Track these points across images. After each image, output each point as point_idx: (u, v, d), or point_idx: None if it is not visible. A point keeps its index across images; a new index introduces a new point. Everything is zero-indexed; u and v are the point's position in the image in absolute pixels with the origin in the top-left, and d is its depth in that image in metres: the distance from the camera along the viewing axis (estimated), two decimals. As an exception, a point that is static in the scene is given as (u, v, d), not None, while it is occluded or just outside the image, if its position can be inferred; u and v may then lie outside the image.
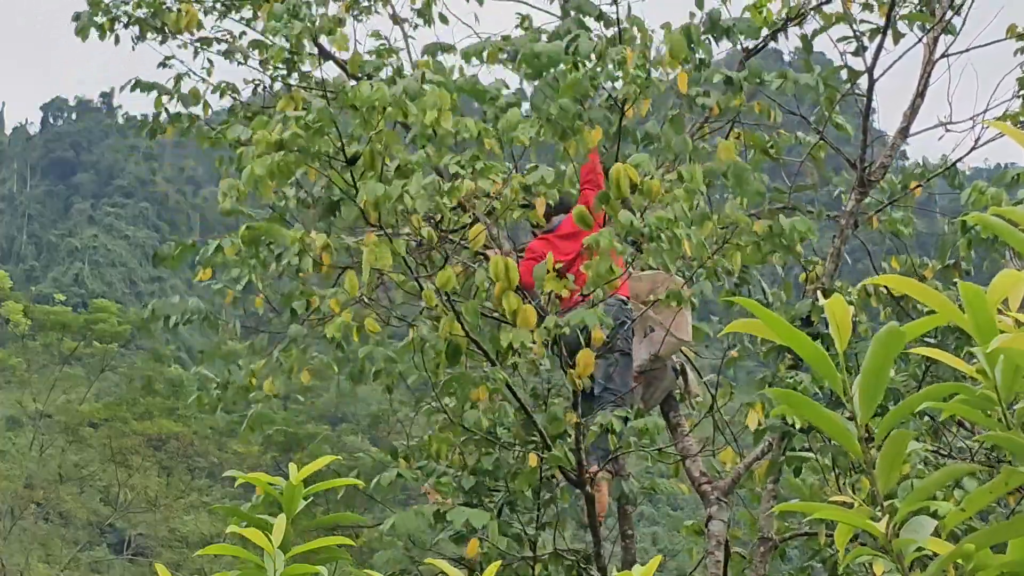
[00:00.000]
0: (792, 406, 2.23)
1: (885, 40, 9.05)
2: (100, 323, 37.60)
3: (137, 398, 37.98)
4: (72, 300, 52.26)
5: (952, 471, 2.31)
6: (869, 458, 2.14)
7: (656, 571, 2.58)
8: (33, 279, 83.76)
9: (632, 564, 5.93)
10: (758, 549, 8.60)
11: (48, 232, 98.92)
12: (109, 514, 36.06)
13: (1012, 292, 2.07)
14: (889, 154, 9.30)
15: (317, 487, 2.86)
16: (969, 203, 8.96)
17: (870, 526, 2.15)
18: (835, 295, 2.19)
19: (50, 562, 34.30)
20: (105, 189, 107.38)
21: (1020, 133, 2.24)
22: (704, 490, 8.60)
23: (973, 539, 2.08)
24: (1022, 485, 2.08)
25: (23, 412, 37.19)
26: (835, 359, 2.14)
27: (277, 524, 2.74)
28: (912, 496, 2.19)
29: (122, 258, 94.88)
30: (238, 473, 3.05)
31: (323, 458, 2.95)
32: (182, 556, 32.27)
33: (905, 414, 2.16)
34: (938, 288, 4.44)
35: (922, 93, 9.36)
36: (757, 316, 2.16)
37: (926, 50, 9.37)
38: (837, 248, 8.89)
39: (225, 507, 4.83)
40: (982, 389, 2.07)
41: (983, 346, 2.01)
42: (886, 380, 2.13)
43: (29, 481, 34.27)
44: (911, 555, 2.13)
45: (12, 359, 37.51)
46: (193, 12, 9.48)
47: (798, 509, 6.17)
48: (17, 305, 37.86)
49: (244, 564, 2.76)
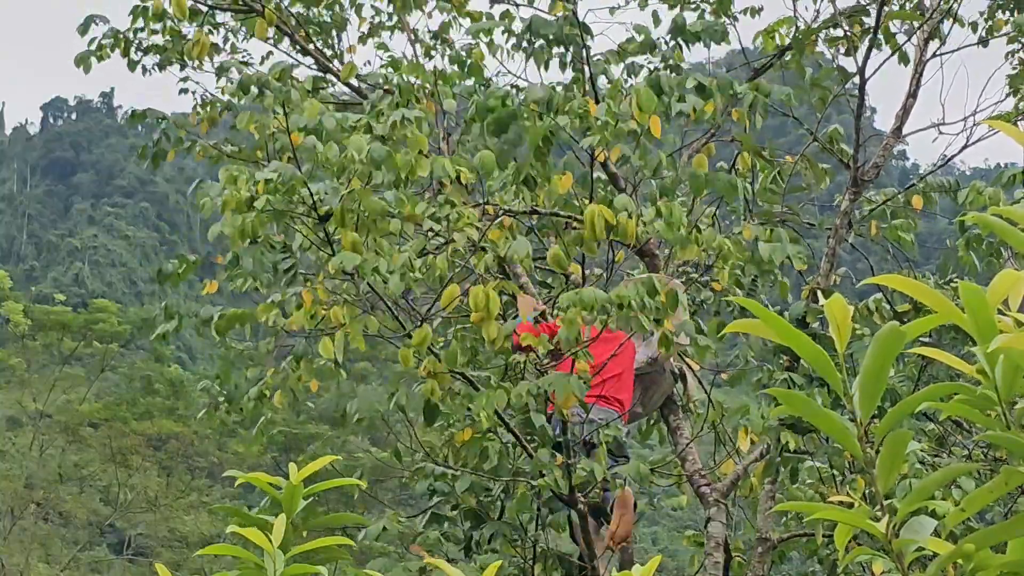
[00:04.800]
0: (792, 406, 2.23)
1: (876, 39, 9.08)
2: (100, 323, 37.57)
3: (137, 398, 37.98)
4: (72, 300, 52.19)
5: (952, 471, 2.31)
6: (869, 458, 2.13)
7: (656, 571, 2.58)
8: (33, 279, 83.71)
9: (631, 564, 5.93)
10: (756, 549, 8.61)
11: (48, 232, 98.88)
12: (109, 514, 36.04)
13: (1012, 292, 2.07)
14: (882, 154, 9.31)
15: (317, 487, 2.86)
16: (967, 203, 8.97)
17: (870, 526, 2.15)
18: (835, 295, 2.19)
19: (50, 562, 34.29)
20: (105, 189, 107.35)
21: (1017, 130, 2.24)
22: (703, 492, 8.60)
23: (973, 539, 2.08)
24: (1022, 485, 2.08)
25: (23, 412, 37.15)
26: (834, 359, 2.14)
27: (277, 524, 2.74)
28: (912, 496, 2.19)
29: (122, 258, 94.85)
30: (238, 473, 3.05)
31: (323, 458, 2.95)
32: (182, 556, 32.26)
33: (905, 414, 2.16)
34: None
35: (914, 93, 9.38)
36: (757, 316, 2.16)
37: (917, 50, 9.40)
38: (832, 248, 8.90)
39: (225, 507, 4.84)
40: (982, 389, 2.07)
41: (983, 346, 2.01)
42: (886, 380, 2.13)
43: (29, 481, 34.24)
44: (911, 555, 2.13)
45: (12, 359, 37.48)
46: (205, 41, 9.59)
47: (797, 509, 6.16)
48: (17, 305, 37.85)
49: (244, 564, 2.75)
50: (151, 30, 9.72)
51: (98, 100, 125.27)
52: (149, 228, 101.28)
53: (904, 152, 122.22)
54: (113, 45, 9.68)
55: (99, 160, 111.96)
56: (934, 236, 21.37)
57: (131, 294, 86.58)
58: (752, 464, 8.44)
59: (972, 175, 53.73)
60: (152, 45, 9.74)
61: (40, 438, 35.77)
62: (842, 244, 9.06)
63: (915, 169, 59.11)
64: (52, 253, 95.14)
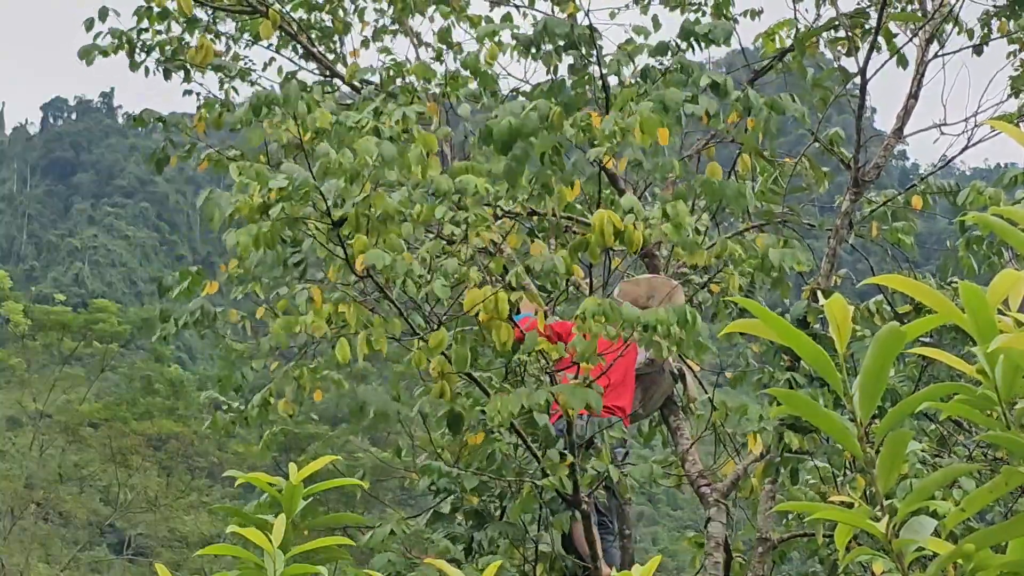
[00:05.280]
0: (793, 406, 2.23)
1: (877, 41, 9.08)
2: (100, 323, 37.55)
3: (137, 398, 37.96)
4: (72, 300, 52.17)
5: (952, 471, 2.30)
6: (869, 458, 2.13)
7: (656, 571, 2.58)
8: (33, 279, 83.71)
9: (631, 564, 5.92)
10: (756, 549, 8.61)
11: (48, 232, 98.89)
12: (109, 514, 36.02)
13: (1012, 292, 2.07)
14: (883, 155, 9.31)
15: (317, 487, 2.86)
16: (967, 203, 8.97)
17: (870, 526, 2.15)
18: (835, 295, 2.19)
19: (50, 562, 34.28)
20: (105, 189, 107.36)
21: (1019, 131, 2.24)
22: (703, 492, 8.60)
23: (973, 539, 2.08)
24: (1022, 485, 2.08)
25: (23, 412, 37.14)
26: (834, 359, 2.14)
27: (277, 524, 2.74)
28: (912, 496, 2.19)
29: (122, 258, 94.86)
30: (238, 473, 3.05)
31: (323, 458, 2.95)
32: (182, 556, 32.25)
33: (905, 414, 2.16)
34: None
35: (915, 94, 9.38)
36: (757, 316, 2.16)
37: (919, 51, 9.40)
38: (833, 248, 8.90)
39: (225, 507, 4.84)
40: (982, 389, 2.07)
41: (983, 346, 2.01)
42: (886, 380, 2.13)
43: (29, 481, 34.23)
44: (911, 555, 2.13)
45: (12, 359, 37.46)
46: (208, 46, 9.59)
47: (798, 509, 6.16)
48: (17, 305, 37.81)
49: (244, 564, 2.75)
50: (155, 31, 9.71)
51: (98, 100, 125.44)
52: (149, 228, 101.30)
53: (904, 152, 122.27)
54: (117, 47, 9.68)
55: (99, 160, 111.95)
56: (934, 236, 21.36)
57: (131, 294, 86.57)
58: (752, 464, 8.44)
59: (972, 175, 53.75)
60: (156, 43, 9.73)
61: (40, 438, 35.76)
62: (843, 245, 9.06)
63: (915, 169, 59.12)
64: (52, 253, 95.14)
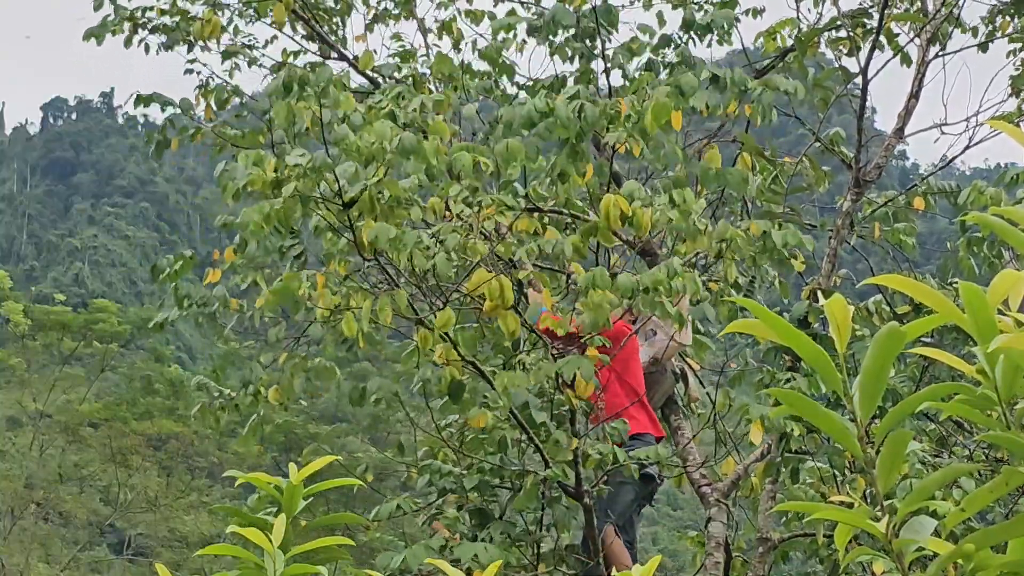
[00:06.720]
0: (793, 406, 2.23)
1: (879, 39, 9.09)
2: (100, 323, 37.56)
3: (137, 398, 37.97)
4: (72, 300, 52.16)
5: (952, 471, 2.30)
6: (869, 458, 2.13)
7: (656, 571, 2.58)
8: (33, 279, 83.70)
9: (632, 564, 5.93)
10: (757, 549, 8.61)
11: (48, 232, 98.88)
12: (109, 514, 36.03)
13: (1012, 292, 2.07)
14: (884, 155, 9.31)
15: (317, 487, 2.86)
16: (968, 203, 8.97)
17: (870, 526, 2.15)
18: (835, 295, 2.19)
19: (50, 562, 34.28)
20: (105, 189, 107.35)
21: (1019, 131, 2.24)
22: (704, 492, 8.60)
23: (973, 539, 2.08)
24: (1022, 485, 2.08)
25: (23, 412, 37.15)
26: (835, 359, 2.14)
27: (277, 524, 2.74)
28: (912, 496, 2.19)
29: (122, 258, 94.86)
30: (238, 473, 3.05)
31: (323, 458, 2.95)
32: (182, 556, 32.25)
33: (905, 414, 2.16)
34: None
35: (916, 94, 9.38)
36: (757, 316, 2.16)
37: (920, 51, 9.40)
38: (834, 248, 8.90)
39: (225, 507, 4.84)
40: (982, 389, 2.07)
41: (983, 346, 2.01)
42: (886, 380, 2.13)
43: (29, 481, 34.23)
44: (911, 555, 2.13)
45: (12, 359, 37.47)
46: (216, 21, 9.52)
47: (798, 509, 6.16)
48: (17, 305, 37.82)
49: (244, 564, 2.75)
50: (160, 9, 9.64)
51: (98, 100, 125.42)
52: (149, 228, 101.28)
53: (904, 152, 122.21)
54: (122, 21, 9.59)
55: (99, 160, 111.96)
56: (934, 236, 21.37)
57: (131, 294, 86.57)
58: (753, 464, 8.45)
59: (972, 175, 53.73)
60: (159, 24, 9.64)
61: (40, 438, 35.76)
62: (843, 245, 9.06)
63: (915, 169, 59.10)
64: (52, 253, 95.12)
